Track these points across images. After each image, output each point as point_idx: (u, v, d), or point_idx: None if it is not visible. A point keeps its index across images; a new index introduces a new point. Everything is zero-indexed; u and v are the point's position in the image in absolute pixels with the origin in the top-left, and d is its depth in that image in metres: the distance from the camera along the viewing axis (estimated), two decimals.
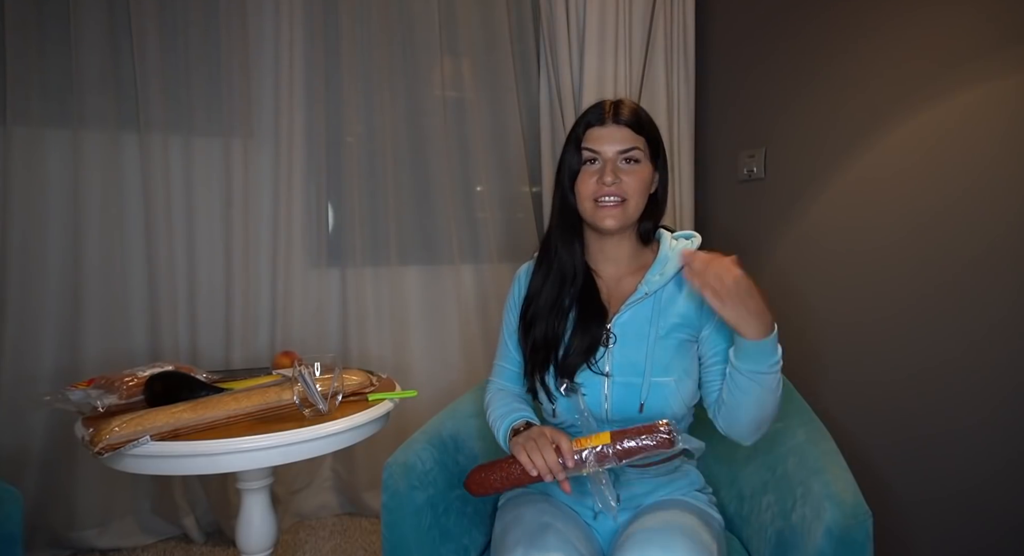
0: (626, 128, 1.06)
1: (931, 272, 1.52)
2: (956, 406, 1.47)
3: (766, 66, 1.97)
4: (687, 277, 0.94)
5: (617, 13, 2.09)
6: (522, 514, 1.05)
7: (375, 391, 1.32)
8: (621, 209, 1.06)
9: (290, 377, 1.17)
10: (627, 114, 1.07)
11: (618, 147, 1.06)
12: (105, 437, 0.99)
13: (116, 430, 1.00)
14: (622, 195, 1.06)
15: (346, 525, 2.12)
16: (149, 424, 1.03)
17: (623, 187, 1.05)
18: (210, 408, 1.10)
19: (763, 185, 1.98)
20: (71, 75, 1.83)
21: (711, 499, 1.15)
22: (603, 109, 1.09)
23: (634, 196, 1.06)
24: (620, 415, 1.06)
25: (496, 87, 2.24)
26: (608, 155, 1.06)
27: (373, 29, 2.11)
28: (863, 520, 0.96)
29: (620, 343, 1.07)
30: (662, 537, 0.92)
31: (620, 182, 1.05)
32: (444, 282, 2.25)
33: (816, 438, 1.14)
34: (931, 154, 1.51)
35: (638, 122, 1.08)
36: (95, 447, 0.98)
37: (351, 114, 2.12)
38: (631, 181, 1.06)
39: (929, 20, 1.51)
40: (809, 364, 1.79)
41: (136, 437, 1.00)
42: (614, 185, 1.05)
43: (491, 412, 1.15)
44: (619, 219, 1.06)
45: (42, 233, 1.84)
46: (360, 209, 2.13)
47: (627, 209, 1.06)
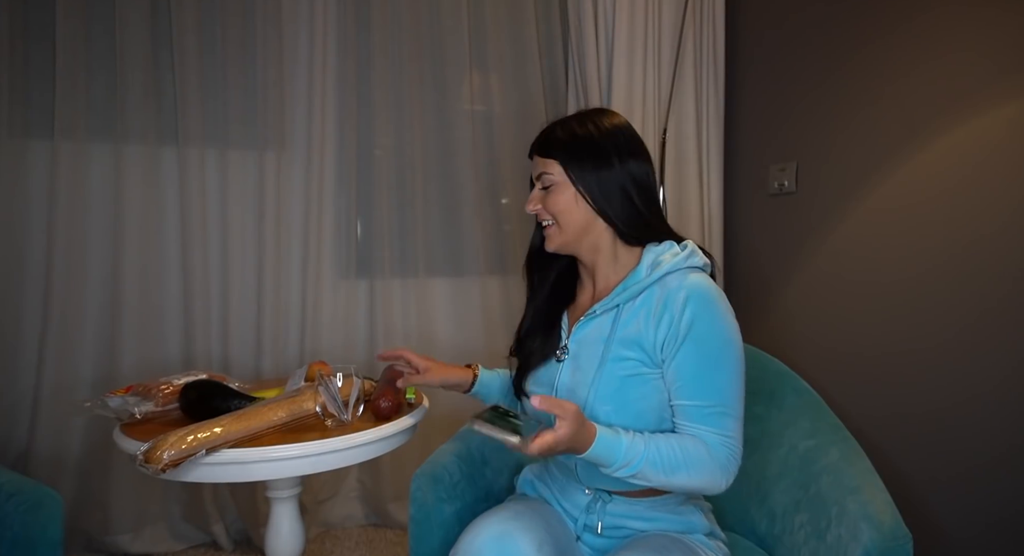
0: (536, 157, 1.09)
1: (973, 299, 1.47)
2: (999, 435, 1.43)
3: (797, 78, 1.95)
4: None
5: (646, 27, 2.10)
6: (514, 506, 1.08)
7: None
8: (555, 230, 1.07)
9: (314, 386, 1.19)
10: (538, 141, 1.09)
11: (534, 174, 1.09)
12: (164, 455, 0.99)
13: (175, 446, 1.00)
14: (548, 218, 1.08)
15: (371, 536, 2.12)
16: (204, 438, 1.03)
17: (545, 212, 1.08)
18: (253, 419, 1.11)
19: (794, 199, 1.96)
20: (115, 90, 1.89)
21: (717, 544, 1.07)
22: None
23: (560, 216, 1.05)
24: None
25: (524, 101, 2.26)
26: (534, 183, 1.10)
27: (403, 44, 2.15)
28: (903, 542, 0.93)
29: (572, 358, 1.06)
30: None
31: (540, 208, 1.08)
32: (470, 294, 2.26)
33: (851, 457, 1.12)
34: (975, 171, 1.47)
35: (546, 146, 1.07)
36: (156, 465, 0.98)
37: (381, 127, 2.15)
38: (549, 204, 1.06)
39: (970, 31, 1.49)
40: (838, 386, 1.75)
41: (194, 452, 1.01)
42: (538, 211, 1.09)
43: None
44: (554, 239, 1.08)
45: (84, 244, 1.89)
46: (389, 221, 2.16)
47: (561, 230, 1.06)
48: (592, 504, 1.06)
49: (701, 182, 2.16)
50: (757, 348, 1.51)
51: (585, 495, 1.07)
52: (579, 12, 2.10)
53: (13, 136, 1.84)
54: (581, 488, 1.08)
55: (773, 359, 1.42)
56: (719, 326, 0.96)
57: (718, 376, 0.96)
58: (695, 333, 0.95)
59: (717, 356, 0.96)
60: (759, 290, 2.07)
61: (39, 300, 1.86)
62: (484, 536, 0.95)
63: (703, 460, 0.94)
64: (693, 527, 1.05)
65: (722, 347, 0.96)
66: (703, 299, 0.96)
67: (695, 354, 0.95)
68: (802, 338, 1.89)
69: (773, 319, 2.00)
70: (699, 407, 0.95)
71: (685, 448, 0.94)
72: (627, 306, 1.02)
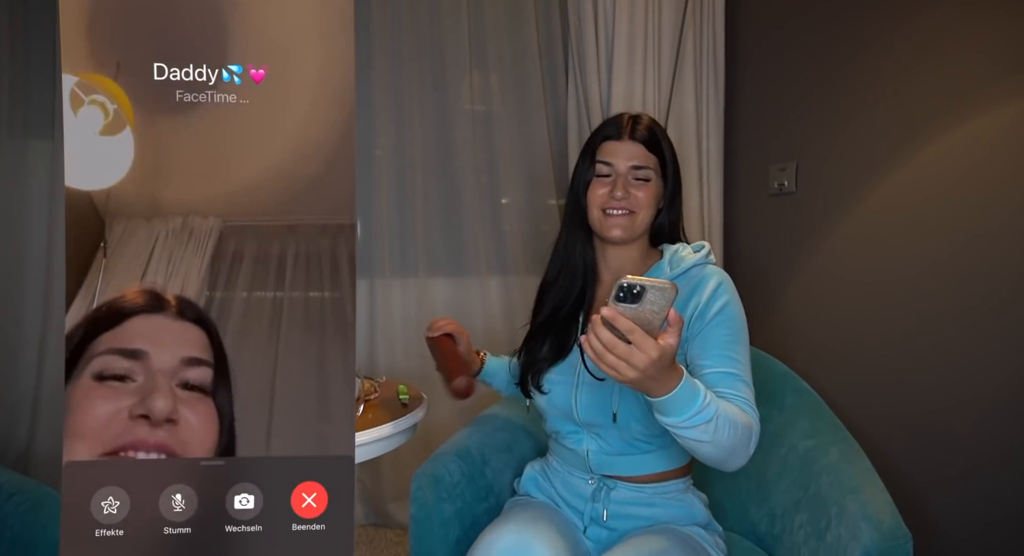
0: (640, 145, 1.09)
1: (974, 299, 1.46)
2: (999, 435, 1.43)
3: (797, 78, 1.95)
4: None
5: (646, 27, 2.10)
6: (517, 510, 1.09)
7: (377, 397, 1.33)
8: (629, 220, 1.09)
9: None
10: (643, 131, 1.10)
11: (631, 162, 1.09)
12: None
13: None
14: (631, 208, 1.09)
15: (371, 536, 2.13)
16: None
17: (632, 201, 1.08)
18: None
19: (794, 199, 1.96)
20: None
21: (715, 539, 1.09)
22: (621, 123, 1.11)
23: (642, 210, 1.09)
24: (590, 419, 1.07)
25: (524, 101, 2.26)
26: (621, 169, 1.09)
27: (403, 44, 2.15)
28: (903, 542, 0.93)
29: None
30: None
31: (629, 197, 1.08)
32: (471, 294, 2.26)
33: (851, 457, 1.12)
34: (976, 170, 1.47)
35: (654, 140, 1.10)
36: None
37: (381, 127, 2.15)
38: (640, 196, 1.08)
39: (971, 30, 1.49)
40: (838, 387, 1.75)
41: None
42: (624, 200, 1.08)
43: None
44: (626, 230, 1.09)
45: None
46: (389, 221, 2.16)
47: (635, 221, 1.09)
48: (597, 492, 1.08)
49: (701, 182, 2.16)
50: (757, 348, 1.51)
51: (589, 484, 1.09)
52: (579, 12, 2.10)
53: (13, 136, 1.84)
54: (585, 478, 1.10)
55: (773, 359, 1.42)
56: (741, 311, 1.07)
57: (741, 351, 1.03)
58: (725, 313, 1.03)
59: (739, 334, 1.04)
60: (759, 290, 2.07)
61: (39, 300, 1.86)
62: (500, 544, 0.95)
63: (742, 417, 0.92)
64: (694, 516, 1.09)
65: (742, 328, 1.06)
66: (731, 286, 1.07)
67: (725, 329, 1.02)
68: (802, 338, 1.89)
69: (773, 319, 2.01)
70: (727, 373, 0.99)
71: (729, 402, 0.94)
72: None
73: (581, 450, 1.09)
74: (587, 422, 1.08)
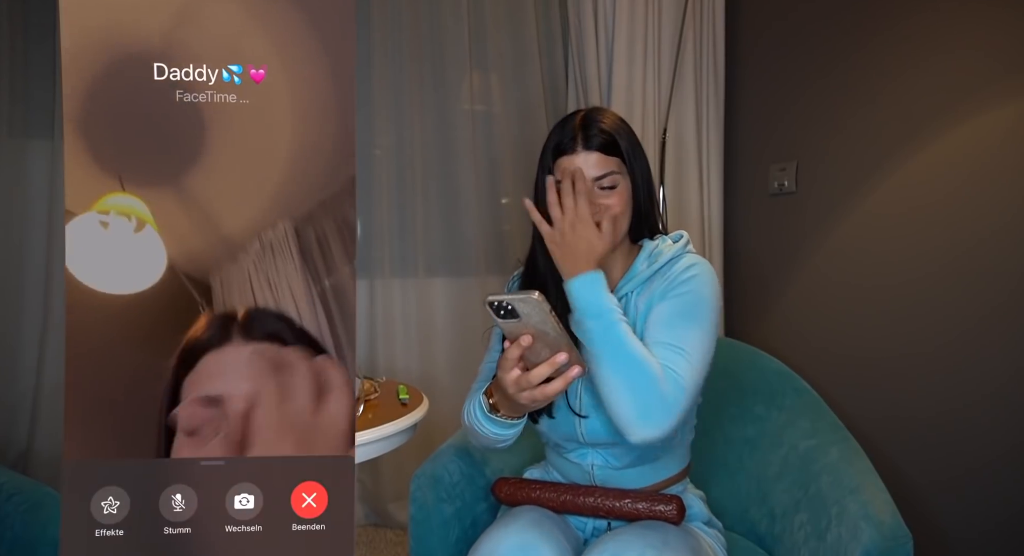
0: (597, 153, 0.98)
1: (974, 299, 1.46)
2: (1000, 435, 1.43)
3: (798, 77, 1.95)
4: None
5: (646, 27, 2.10)
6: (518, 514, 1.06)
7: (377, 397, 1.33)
8: (609, 228, 0.98)
9: None
10: (597, 136, 0.99)
11: (592, 174, 0.98)
12: None
13: None
14: (604, 219, 0.98)
15: (371, 536, 2.12)
16: None
17: (603, 212, 0.98)
18: None
19: (794, 199, 1.96)
20: None
21: (715, 533, 1.08)
22: (573, 131, 1.00)
23: (620, 215, 1.01)
24: (596, 439, 1.04)
25: (524, 101, 2.26)
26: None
27: (403, 44, 2.15)
28: (903, 542, 0.93)
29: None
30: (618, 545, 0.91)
31: (600, 209, 0.98)
32: (470, 294, 2.26)
33: (851, 457, 1.12)
34: (976, 170, 1.47)
35: (610, 142, 0.99)
36: None
37: (381, 127, 2.16)
38: (612, 203, 0.99)
39: (971, 29, 1.49)
40: (838, 386, 1.75)
41: None
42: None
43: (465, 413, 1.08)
44: (608, 238, 0.98)
45: None
46: (389, 221, 2.16)
47: (616, 228, 1.00)
48: None
49: (701, 182, 2.15)
50: (757, 348, 1.51)
51: None
52: (579, 12, 2.10)
53: (13, 136, 1.84)
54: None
55: (773, 359, 1.42)
56: (705, 290, 1.00)
57: (694, 329, 0.96)
58: (685, 289, 0.99)
59: (695, 312, 0.98)
60: (759, 290, 2.07)
61: (39, 300, 1.86)
62: (505, 545, 0.94)
63: (654, 377, 0.90)
64: (693, 514, 1.08)
65: (699, 303, 0.99)
66: (705, 270, 1.02)
67: (679, 303, 0.99)
68: (802, 338, 1.89)
69: (773, 319, 2.00)
70: (659, 343, 0.95)
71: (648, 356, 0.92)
72: (633, 295, 1.04)
73: (586, 464, 1.06)
74: (593, 442, 1.05)
